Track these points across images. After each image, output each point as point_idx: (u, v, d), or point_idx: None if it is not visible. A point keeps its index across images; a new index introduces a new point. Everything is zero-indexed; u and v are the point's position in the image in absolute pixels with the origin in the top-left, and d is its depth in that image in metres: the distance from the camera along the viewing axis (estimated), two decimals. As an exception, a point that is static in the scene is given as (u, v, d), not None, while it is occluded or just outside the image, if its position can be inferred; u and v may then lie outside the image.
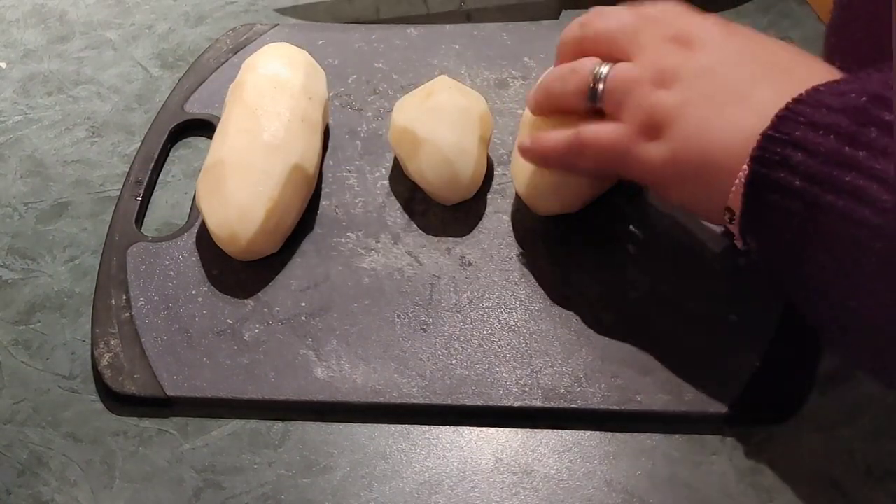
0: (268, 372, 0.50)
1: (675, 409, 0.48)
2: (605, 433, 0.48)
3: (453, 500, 0.46)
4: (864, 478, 0.46)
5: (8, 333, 0.53)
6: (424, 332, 0.51)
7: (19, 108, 0.65)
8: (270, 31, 0.68)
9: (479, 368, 0.49)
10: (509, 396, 0.48)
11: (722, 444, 0.47)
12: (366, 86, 0.64)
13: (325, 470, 0.47)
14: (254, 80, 0.57)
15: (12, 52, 0.69)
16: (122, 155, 0.62)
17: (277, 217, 0.53)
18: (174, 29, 0.70)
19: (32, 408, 0.50)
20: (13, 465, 0.48)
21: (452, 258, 0.54)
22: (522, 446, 0.48)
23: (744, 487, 0.46)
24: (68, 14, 0.72)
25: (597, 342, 0.50)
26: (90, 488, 0.47)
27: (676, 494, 0.46)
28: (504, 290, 0.53)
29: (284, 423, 0.49)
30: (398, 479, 0.47)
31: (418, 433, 0.48)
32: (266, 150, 0.53)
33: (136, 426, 0.49)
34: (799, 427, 0.48)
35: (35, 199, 0.59)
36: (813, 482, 0.46)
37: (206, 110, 0.63)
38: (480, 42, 0.67)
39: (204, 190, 0.53)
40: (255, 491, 0.46)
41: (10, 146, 0.62)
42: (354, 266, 0.54)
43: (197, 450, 0.48)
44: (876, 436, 0.47)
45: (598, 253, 0.54)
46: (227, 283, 0.53)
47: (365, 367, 0.50)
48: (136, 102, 0.65)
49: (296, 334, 0.51)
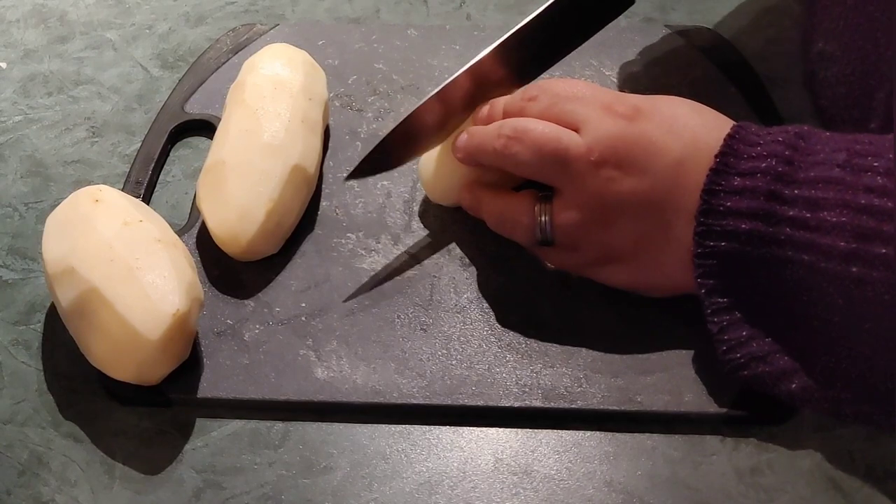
0: (268, 372, 0.50)
1: (675, 409, 0.48)
2: (605, 433, 0.48)
3: (453, 500, 0.46)
4: (864, 478, 0.46)
5: (8, 333, 0.53)
6: (424, 332, 0.51)
7: (19, 108, 0.65)
8: (270, 32, 0.68)
9: (479, 368, 0.49)
10: (509, 396, 0.48)
11: (722, 444, 0.47)
12: (366, 86, 0.64)
13: (325, 470, 0.47)
14: (254, 81, 0.57)
15: (12, 52, 0.69)
16: (122, 155, 0.62)
17: (277, 217, 0.53)
18: (174, 29, 0.70)
19: (32, 408, 0.50)
20: (13, 465, 0.48)
21: (452, 258, 0.54)
22: (522, 446, 0.48)
23: (744, 487, 0.46)
24: (68, 14, 0.72)
25: (597, 342, 0.50)
26: (90, 488, 0.47)
27: (676, 494, 0.46)
28: (504, 290, 0.53)
29: (284, 423, 0.49)
30: (398, 479, 0.47)
31: (418, 433, 0.48)
32: (266, 151, 0.53)
33: (136, 426, 0.49)
34: (799, 427, 0.48)
35: (35, 199, 0.59)
36: (813, 482, 0.46)
37: (206, 110, 0.63)
38: (480, 42, 0.66)
39: (204, 190, 0.53)
40: (255, 491, 0.46)
41: (11, 146, 0.62)
42: (354, 266, 0.54)
43: (197, 450, 0.48)
44: (876, 436, 0.47)
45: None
46: (227, 283, 0.53)
47: (365, 368, 0.50)
48: (137, 103, 0.65)
49: (296, 334, 0.51)
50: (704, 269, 0.46)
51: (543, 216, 0.50)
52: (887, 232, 0.41)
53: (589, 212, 0.49)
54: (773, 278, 0.44)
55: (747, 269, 0.45)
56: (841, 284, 0.42)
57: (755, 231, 0.44)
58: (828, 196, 0.43)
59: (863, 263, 0.41)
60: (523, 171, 0.51)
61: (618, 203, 0.48)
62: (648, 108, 0.48)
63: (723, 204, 0.45)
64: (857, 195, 0.42)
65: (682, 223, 0.47)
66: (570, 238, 0.50)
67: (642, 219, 0.48)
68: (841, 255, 0.42)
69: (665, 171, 0.47)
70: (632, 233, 0.48)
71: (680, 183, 0.47)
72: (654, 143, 0.47)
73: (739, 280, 0.45)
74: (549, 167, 0.49)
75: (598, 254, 0.50)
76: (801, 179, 0.44)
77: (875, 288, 0.41)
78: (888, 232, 0.41)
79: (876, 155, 0.43)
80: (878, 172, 0.42)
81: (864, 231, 0.41)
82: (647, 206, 0.47)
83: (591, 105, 0.49)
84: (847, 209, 0.42)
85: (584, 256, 0.50)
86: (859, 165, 0.43)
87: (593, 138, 0.48)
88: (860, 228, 0.41)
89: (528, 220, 0.50)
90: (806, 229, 0.43)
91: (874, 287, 0.41)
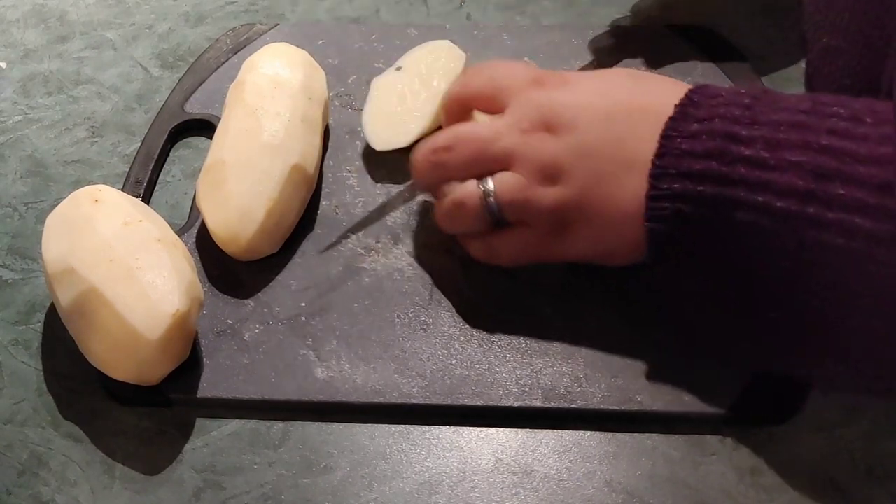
0: (268, 372, 0.50)
1: (675, 409, 0.48)
2: (605, 433, 0.48)
3: (453, 500, 0.46)
4: (864, 478, 0.46)
5: (8, 333, 0.53)
6: (424, 332, 0.51)
7: (19, 108, 0.65)
8: (270, 31, 0.68)
9: (479, 368, 0.49)
10: (509, 396, 0.48)
11: (722, 444, 0.47)
12: (366, 86, 0.64)
13: (325, 470, 0.47)
14: (254, 80, 0.57)
15: (12, 52, 0.69)
16: (122, 155, 0.62)
17: (277, 217, 0.53)
18: (174, 29, 0.70)
19: (32, 408, 0.50)
20: (13, 465, 0.48)
21: (452, 258, 0.54)
22: (522, 446, 0.48)
23: (744, 487, 0.46)
24: (68, 14, 0.72)
25: (597, 342, 0.50)
26: (90, 488, 0.47)
27: (676, 494, 0.46)
28: (504, 290, 0.53)
29: (284, 423, 0.49)
30: (398, 479, 0.47)
31: (418, 433, 0.48)
32: (266, 150, 0.53)
33: (136, 426, 0.49)
34: (799, 427, 0.48)
35: (35, 199, 0.59)
36: (813, 482, 0.46)
37: (206, 110, 0.63)
38: (480, 42, 0.67)
39: (204, 190, 0.53)
40: (255, 491, 0.46)
41: (10, 146, 0.62)
42: (354, 266, 0.54)
43: (197, 450, 0.48)
44: (876, 436, 0.47)
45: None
46: (227, 283, 0.53)
47: (365, 367, 0.50)
48: (136, 102, 0.65)
49: (296, 334, 0.51)
50: (656, 213, 0.45)
51: (489, 194, 0.49)
52: (847, 172, 0.40)
53: (529, 175, 0.48)
54: (725, 223, 0.43)
55: (700, 215, 0.44)
56: (795, 226, 0.41)
57: (709, 170, 0.43)
58: (789, 137, 0.42)
59: (819, 203, 0.40)
60: (461, 173, 0.51)
61: (552, 161, 0.48)
62: (575, 78, 0.50)
63: (678, 147, 0.44)
64: (819, 136, 0.41)
65: (629, 174, 0.46)
66: (518, 208, 0.49)
67: (581, 172, 0.47)
68: (798, 194, 0.41)
69: (592, 125, 0.47)
70: (577, 189, 0.47)
71: (616, 134, 0.47)
72: (582, 103, 0.48)
73: (689, 229, 0.44)
74: (483, 158, 0.50)
75: (550, 222, 0.49)
76: (761, 121, 0.43)
77: (830, 231, 0.40)
78: (848, 172, 0.40)
79: (842, 105, 0.42)
80: (843, 118, 0.41)
81: (823, 171, 0.40)
82: (583, 159, 0.47)
83: (518, 79, 0.51)
84: (808, 150, 0.41)
85: (538, 230, 0.49)
86: (823, 112, 0.42)
87: (519, 110, 0.49)
88: (820, 168, 0.40)
89: (474, 201, 0.49)
90: (763, 168, 0.42)
91: (829, 230, 0.40)
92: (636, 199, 0.45)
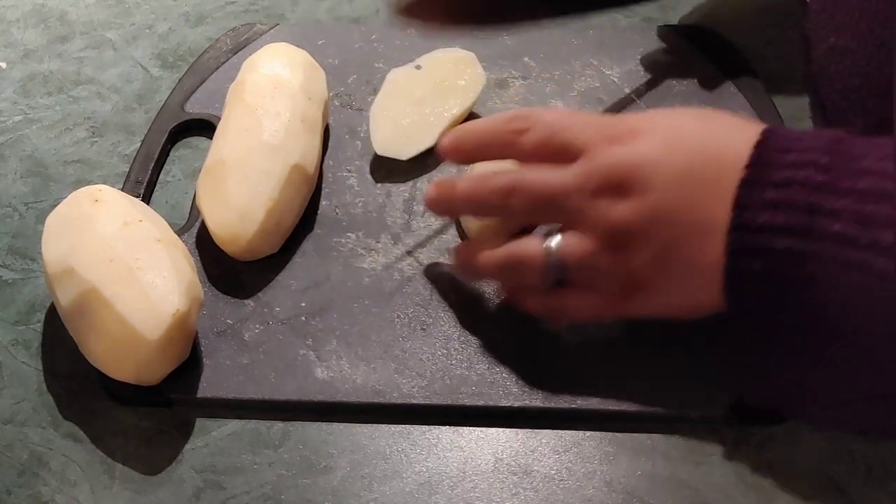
0: (268, 372, 0.50)
1: (675, 409, 0.48)
2: (605, 433, 0.48)
3: (453, 500, 0.46)
4: (864, 478, 0.46)
5: (8, 333, 0.53)
6: (424, 332, 0.51)
7: (19, 108, 0.65)
8: (270, 31, 0.68)
9: (479, 368, 0.49)
10: (509, 396, 0.48)
11: (722, 444, 0.47)
12: (366, 86, 0.64)
13: (325, 470, 0.47)
14: (254, 80, 0.57)
15: (12, 52, 0.69)
16: (122, 155, 0.62)
17: (277, 217, 0.53)
18: (174, 29, 0.70)
19: (32, 408, 0.50)
20: (13, 465, 0.48)
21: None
22: (522, 446, 0.48)
23: (744, 487, 0.46)
24: (68, 14, 0.72)
25: (597, 342, 0.50)
26: (90, 488, 0.47)
27: (676, 494, 0.46)
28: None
29: (284, 423, 0.49)
30: (398, 479, 0.47)
31: (418, 433, 0.48)
32: (266, 150, 0.53)
33: (136, 426, 0.49)
34: (799, 427, 0.48)
35: (35, 199, 0.59)
36: (813, 482, 0.46)
37: (206, 110, 0.63)
38: (481, 42, 0.66)
39: (204, 190, 0.53)
40: (255, 491, 0.46)
41: (10, 146, 0.62)
42: (354, 266, 0.54)
43: (197, 450, 0.48)
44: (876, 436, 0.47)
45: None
46: (226, 283, 0.53)
47: (365, 367, 0.50)
48: (136, 102, 0.65)
49: (296, 334, 0.51)
50: (734, 285, 0.43)
51: (554, 251, 0.46)
52: None
53: (598, 240, 0.46)
54: (808, 300, 0.41)
55: (781, 289, 0.41)
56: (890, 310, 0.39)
57: (794, 248, 0.40)
58: (881, 210, 0.39)
59: None
60: (522, 220, 0.50)
61: (625, 227, 0.45)
62: (646, 127, 0.46)
63: (755, 221, 0.41)
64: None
65: (705, 240, 0.43)
66: (584, 271, 0.47)
67: (656, 239, 0.45)
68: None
69: (668, 186, 0.44)
70: (649, 255, 0.45)
71: (691, 195, 0.44)
72: (652, 161, 0.45)
73: (770, 302, 0.42)
74: (548, 210, 0.47)
75: (618, 285, 0.46)
76: (844, 189, 0.40)
77: None
78: None
79: None
80: None
81: None
82: (657, 225, 0.44)
83: (588, 134, 0.47)
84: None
85: (604, 292, 0.47)
86: None
87: (589, 168, 0.46)
88: None
89: (537, 259, 0.47)
90: (854, 247, 0.39)
91: None
92: (713, 268, 0.43)
